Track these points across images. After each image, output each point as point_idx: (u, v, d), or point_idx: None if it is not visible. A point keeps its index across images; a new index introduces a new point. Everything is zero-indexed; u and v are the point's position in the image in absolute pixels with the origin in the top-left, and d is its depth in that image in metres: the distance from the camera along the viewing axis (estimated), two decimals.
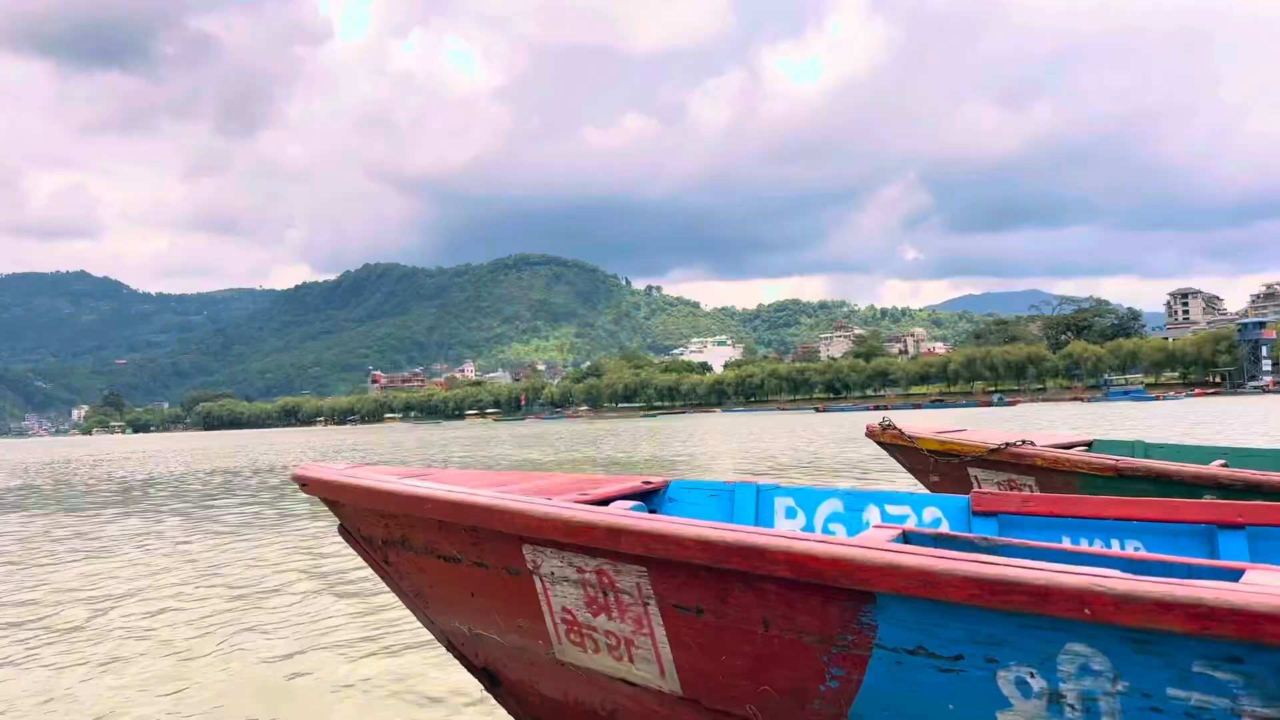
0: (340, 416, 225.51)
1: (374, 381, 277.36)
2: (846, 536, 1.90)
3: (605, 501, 2.80)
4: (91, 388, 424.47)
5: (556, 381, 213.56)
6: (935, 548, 1.90)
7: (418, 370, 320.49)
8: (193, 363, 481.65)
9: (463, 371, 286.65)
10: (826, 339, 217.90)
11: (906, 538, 2.31)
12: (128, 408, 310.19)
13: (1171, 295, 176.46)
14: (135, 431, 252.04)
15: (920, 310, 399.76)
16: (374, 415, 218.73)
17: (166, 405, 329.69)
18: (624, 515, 2.03)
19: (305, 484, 2.86)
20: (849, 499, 3.11)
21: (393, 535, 2.67)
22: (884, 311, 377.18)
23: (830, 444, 24.80)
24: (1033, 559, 1.64)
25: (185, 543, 9.66)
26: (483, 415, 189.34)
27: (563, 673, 2.35)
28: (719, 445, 27.68)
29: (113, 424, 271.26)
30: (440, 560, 2.53)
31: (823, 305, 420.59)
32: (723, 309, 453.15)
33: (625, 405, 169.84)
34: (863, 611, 1.70)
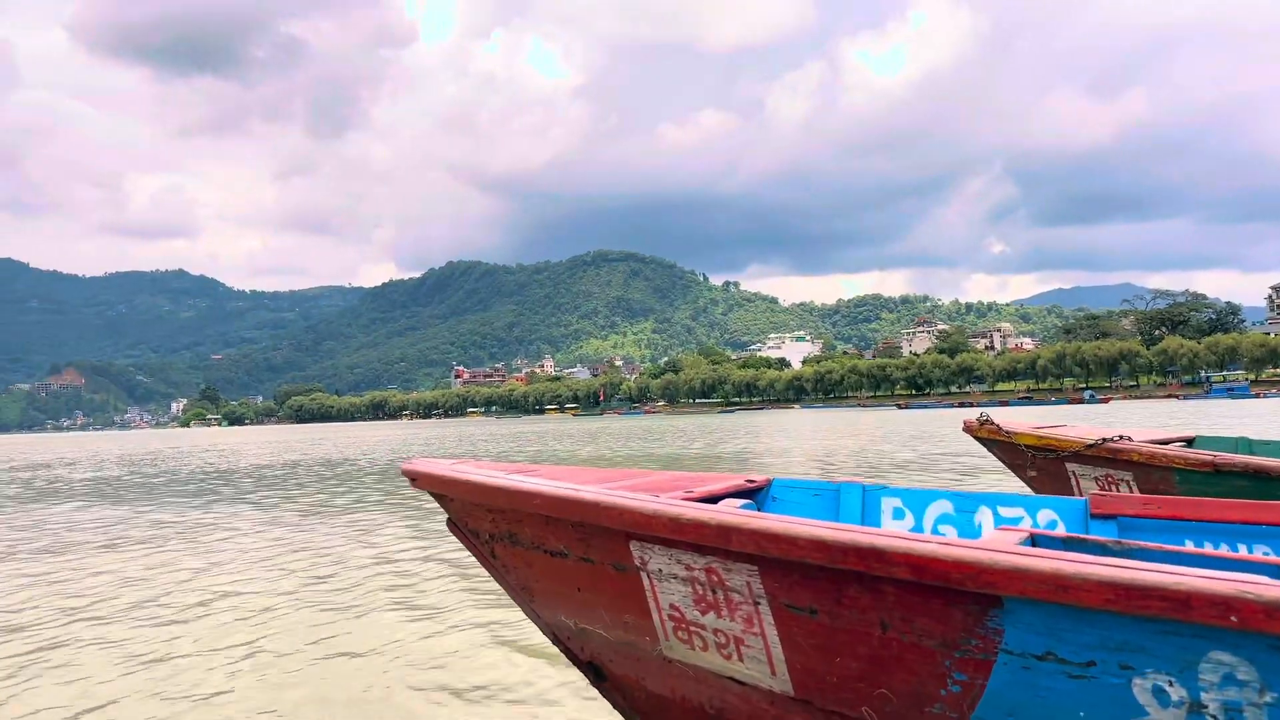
0: (425, 411, 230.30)
1: (457, 377, 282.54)
2: (958, 538, 1.85)
3: (711, 499, 2.79)
4: (189, 382, 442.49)
5: (634, 377, 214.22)
6: (1064, 551, 1.82)
7: (498, 366, 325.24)
8: (285, 358, 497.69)
9: (542, 367, 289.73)
10: (909, 334, 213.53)
11: (1034, 541, 2.25)
12: (223, 401, 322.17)
13: (1273, 289, 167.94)
14: (230, 424, 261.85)
15: (1007, 305, 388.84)
16: (457, 410, 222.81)
17: (260, 399, 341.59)
18: (734, 513, 2.02)
19: (415, 479, 2.92)
20: (959, 500, 3.07)
21: (499, 530, 2.70)
22: (969, 306, 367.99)
23: (914, 442, 24.52)
24: (1167, 563, 1.57)
25: (296, 532, 10.15)
26: (561, 410, 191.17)
27: (669, 669, 2.34)
28: (799, 443, 27.55)
29: (209, 417, 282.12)
30: (546, 555, 2.55)
31: (905, 300, 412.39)
32: (801, 304, 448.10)
33: (702, 401, 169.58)
34: (988, 615, 1.66)
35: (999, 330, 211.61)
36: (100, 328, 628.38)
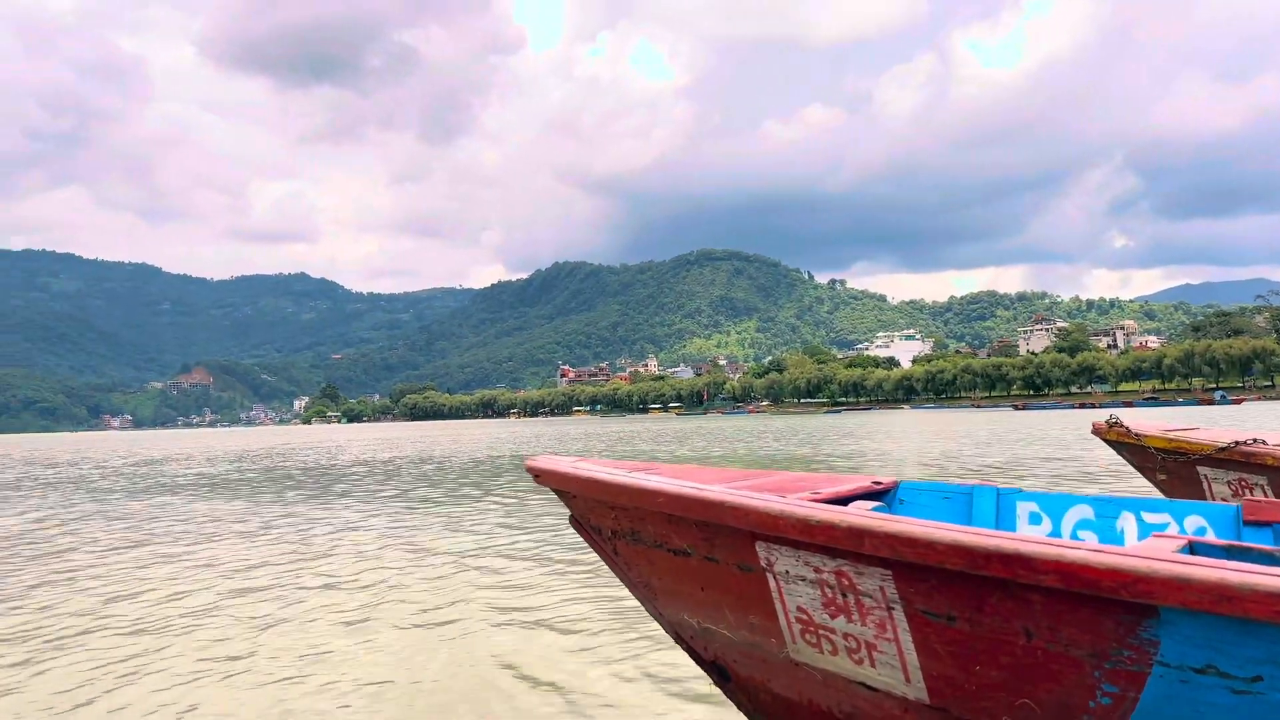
0: (532, 409, 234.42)
1: (562, 376, 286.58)
2: (1106, 545, 1.75)
3: (840, 501, 2.75)
4: (311, 380, 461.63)
5: (738, 376, 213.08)
6: (1225, 560, 1.74)
7: (603, 365, 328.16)
8: (400, 357, 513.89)
9: (646, 366, 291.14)
10: (1025, 333, 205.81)
11: (1193, 548, 2.15)
12: (342, 399, 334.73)
13: None
14: (349, 421, 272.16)
15: (1131, 301, 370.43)
16: (563, 408, 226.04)
17: (376, 397, 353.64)
18: (867, 516, 1.98)
19: (538, 475, 2.93)
20: (1100, 505, 2.97)
21: (622, 527, 2.69)
22: (1090, 303, 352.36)
23: (1034, 444, 23.82)
24: None
25: (409, 526, 10.59)
26: (665, 409, 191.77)
27: (797, 673, 2.31)
28: (912, 445, 27.04)
29: (329, 414, 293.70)
30: (669, 553, 2.54)
31: (1021, 297, 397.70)
32: (910, 302, 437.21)
33: (807, 401, 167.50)
34: (1143, 626, 1.60)
35: (1122, 328, 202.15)
36: (227, 329, 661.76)
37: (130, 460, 33.21)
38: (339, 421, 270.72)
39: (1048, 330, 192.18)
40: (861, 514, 1.99)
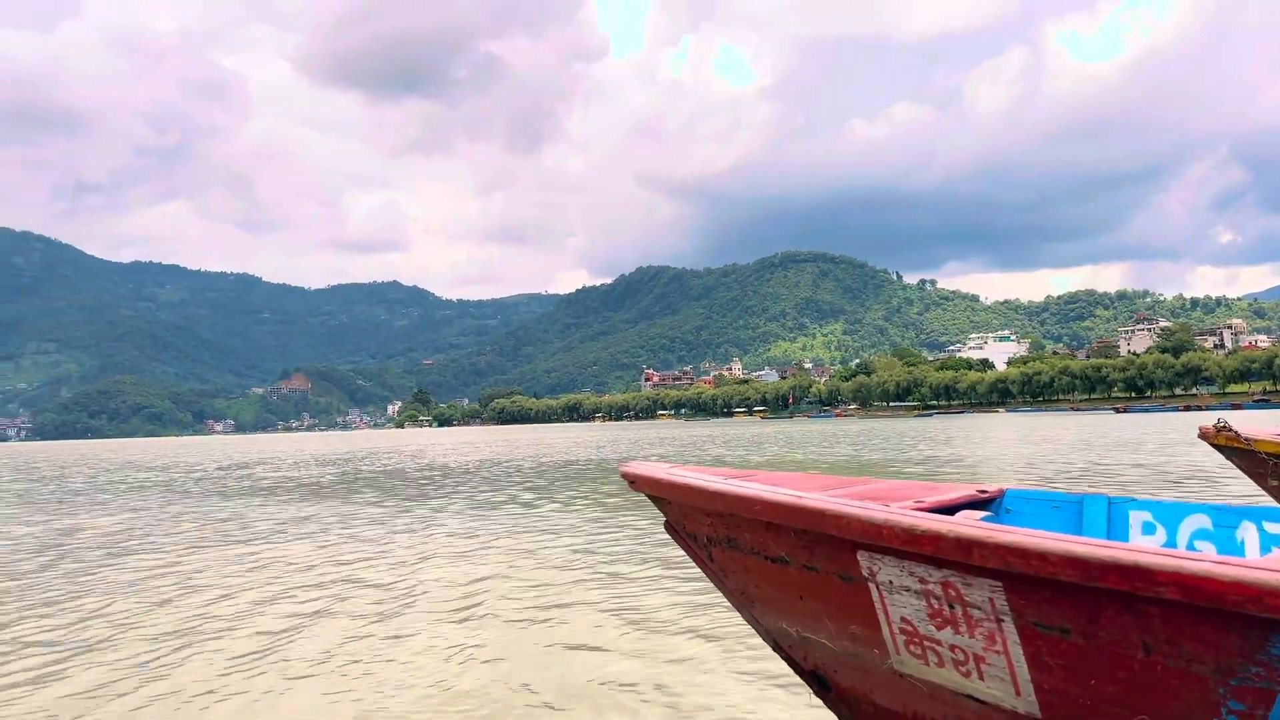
0: (616, 413, 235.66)
1: (646, 380, 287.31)
2: (1226, 556, 1.69)
3: (945, 510, 2.71)
4: (403, 385, 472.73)
5: (824, 379, 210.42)
6: None
7: (687, 369, 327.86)
8: (488, 362, 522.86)
9: (730, 370, 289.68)
10: (1126, 332, 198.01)
11: None
12: (433, 403, 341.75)
13: None
14: (440, 425, 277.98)
15: (1239, 299, 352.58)
16: (647, 412, 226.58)
17: (466, 401, 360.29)
18: (975, 526, 1.92)
19: (634, 481, 2.92)
20: (1218, 514, 2.85)
21: (718, 534, 2.67)
22: (1194, 301, 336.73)
23: (1138, 449, 23.05)
24: None
25: (498, 529, 10.84)
26: (750, 413, 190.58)
27: (900, 684, 2.27)
28: (1009, 450, 26.42)
29: (421, 418, 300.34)
30: (767, 561, 2.50)
31: (1121, 295, 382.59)
32: (1005, 302, 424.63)
33: (897, 404, 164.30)
34: (1271, 641, 1.53)
35: (1230, 327, 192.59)
36: (324, 336, 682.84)
37: (243, 462, 34.70)
38: (430, 425, 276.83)
39: (1150, 330, 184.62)
40: (970, 524, 1.95)
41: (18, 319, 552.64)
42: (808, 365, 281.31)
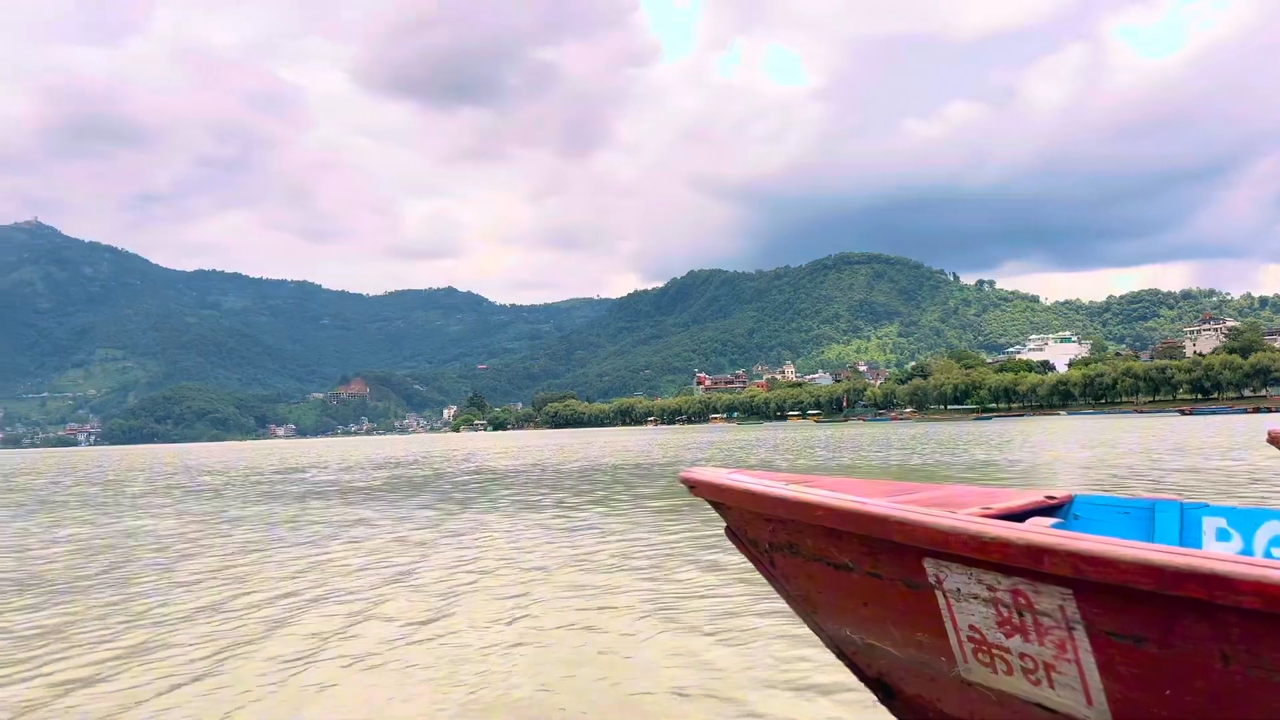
0: (668, 416, 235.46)
1: (699, 383, 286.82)
2: None
3: (1013, 516, 2.67)
4: (458, 390, 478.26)
5: (879, 383, 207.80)
6: None
7: (739, 372, 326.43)
8: (541, 367, 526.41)
9: (783, 373, 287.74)
10: (1192, 333, 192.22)
11: None
12: (488, 407, 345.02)
13: None
14: (494, 429, 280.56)
15: None
16: (699, 416, 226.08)
17: (520, 405, 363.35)
18: (1045, 533, 1.89)
19: (693, 486, 2.92)
20: None
21: (779, 540, 2.66)
22: (1264, 300, 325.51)
23: (1207, 453, 22.26)
24: None
25: (555, 533, 10.72)
26: (803, 417, 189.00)
27: (968, 693, 2.24)
28: (1073, 454, 25.71)
29: (476, 422, 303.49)
30: (830, 568, 2.49)
31: (1186, 295, 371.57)
32: (1065, 302, 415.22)
33: (954, 408, 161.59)
34: None
35: None
36: (382, 341, 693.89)
37: (297, 465, 35.29)
38: (485, 429, 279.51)
39: (1217, 330, 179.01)
40: (1040, 531, 1.92)
41: (88, 327, 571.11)
42: (862, 368, 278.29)
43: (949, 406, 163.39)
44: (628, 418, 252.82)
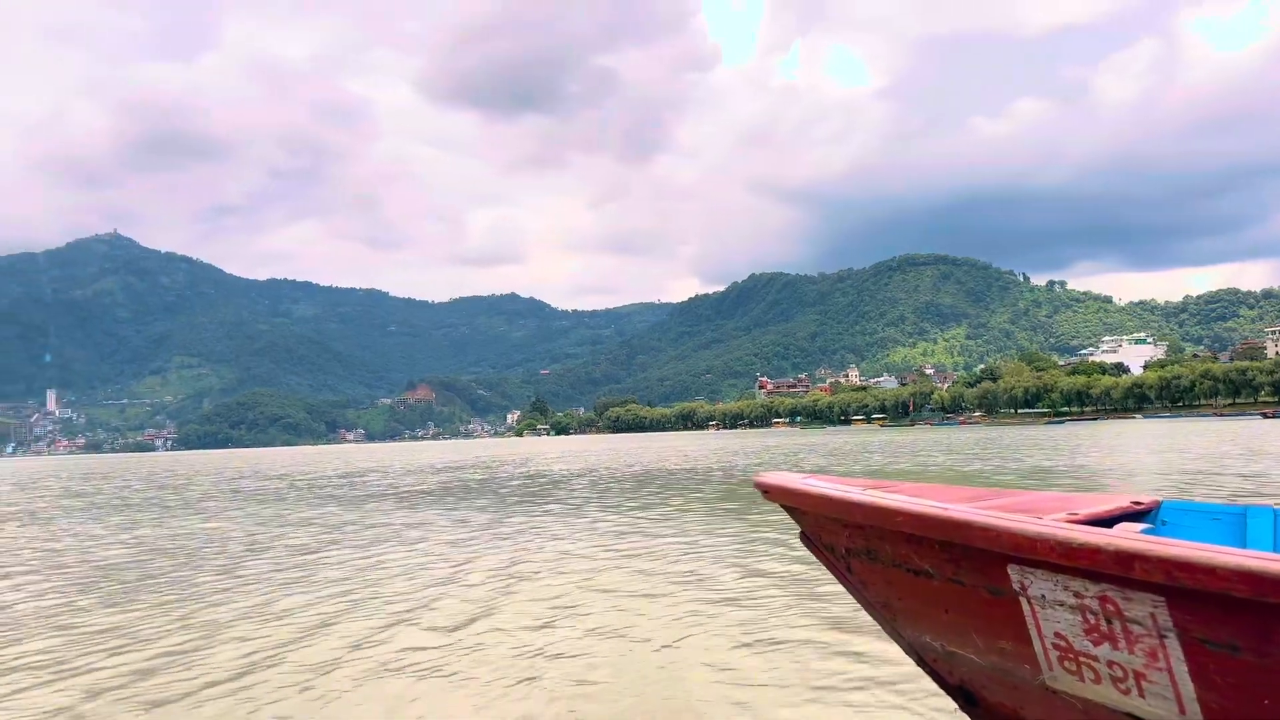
0: (730, 421, 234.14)
1: (761, 387, 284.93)
2: None
3: (1101, 522, 2.62)
4: (522, 395, 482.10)
5: (946, 386, 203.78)
6: None
7: (802, 376, 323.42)
8: (603, 372, 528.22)
9: (846, 377, 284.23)
10: (1274, 333, 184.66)
11: None
12: (550, 412, 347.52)
13: None
14: (557, 433, 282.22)
15: None
16: (762, 420, 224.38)
17: (582, 410, 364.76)
18: (1135, 539, 1.84)
19: (767, 491, 2.90)
20: None
21: (857, 545, 2.63)
22: None
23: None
24: None
25: (624, 537, 10.63)
26: (868, 421, 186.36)
27: (1053, 701, 2.21)
28: (1150, 458, 24.84)
29: (539, 427, 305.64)
30: (909, 574, 2.46)
31: (1268, 294, 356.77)
32: (1140, 303, 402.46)
33: (1025, 411, 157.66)
34: None
35: None
36: (447, 347, 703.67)
37: (360, 470, 35.85)
38: (548, 434, 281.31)
39: None
40: (1129, 537, 1.87)
41: (165, 336, 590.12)
42: (929, 371, 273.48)
43: (1019, 410, 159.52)
44: (689, 422, 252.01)
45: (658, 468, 27.67)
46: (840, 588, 2.69)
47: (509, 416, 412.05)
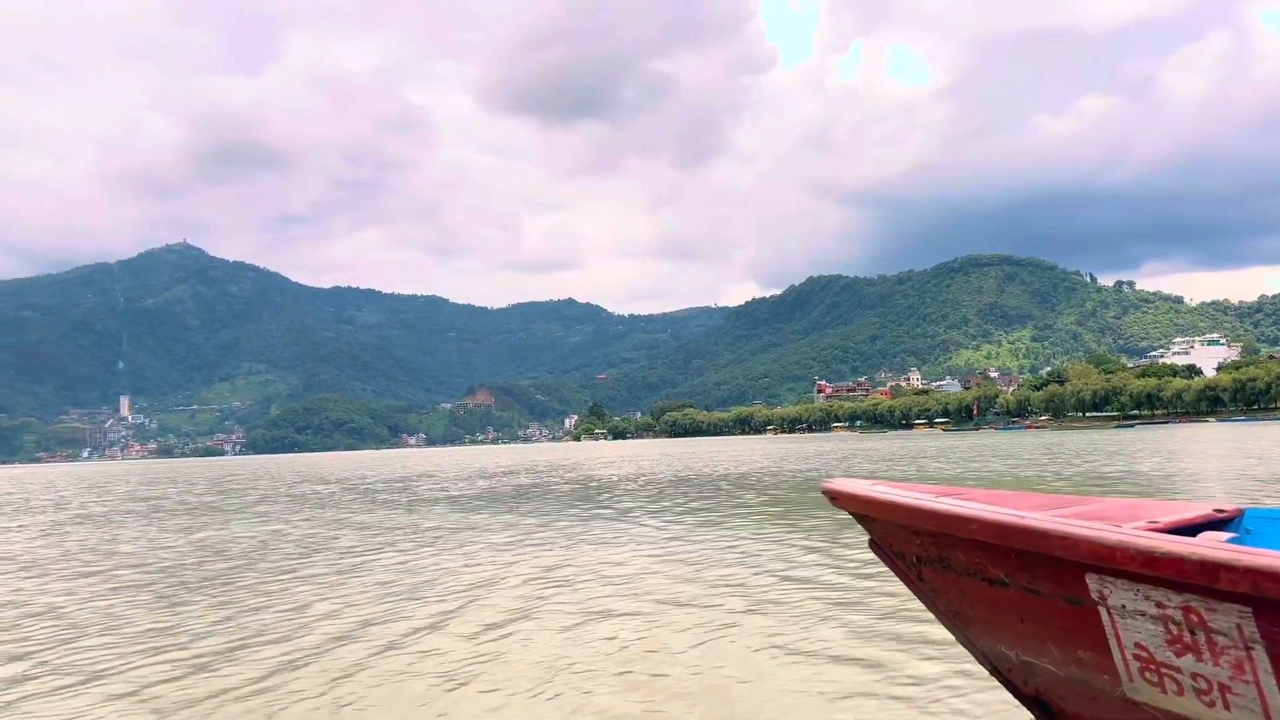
0: (789, 425, 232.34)
1: (819, 391, 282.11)
2: None
3: (1183, 530, 2.56)
4: (579, 399, 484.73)
5: (1011, 389, 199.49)
6: None
7: (861, 380, 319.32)
8: (659, 376, 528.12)
9: (908, 380, 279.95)
10: None
11: None
12: (607, 416, 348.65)
13: None
14: (614, 438, 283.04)
15: None
16: (820, 424, 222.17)
17: (638, 414, 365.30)
18: (1221, 548, 1.80)
19: (835, 498, 2.87)
20: None
21: (928, 553, 2.61)
22: None
23: None
24: None
25: (679, 543, 10.50)
26: (930, 425, 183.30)
27: (1134, 712, 2.16)
28: (1227, 464, 23.87)
29: (596, 431, 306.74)
30: (984, 583, 2.43)
31: None
32: (1213, 303, 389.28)
33: (1093, 415, 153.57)
34: None
35: None
36: (505, 353, 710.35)
37: (412, 474, 36.25)
38: (605, 438, 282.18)
39: None
40: (1214, 545, 1.83)
41: (234, 343, 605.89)
42: (993, 374, 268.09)
43: (1087, 413, 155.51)
44: (747, 426, 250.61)
45: (707, 472, 27.46)
46: (903, 596, 2.66)
47: (567, 421, 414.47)
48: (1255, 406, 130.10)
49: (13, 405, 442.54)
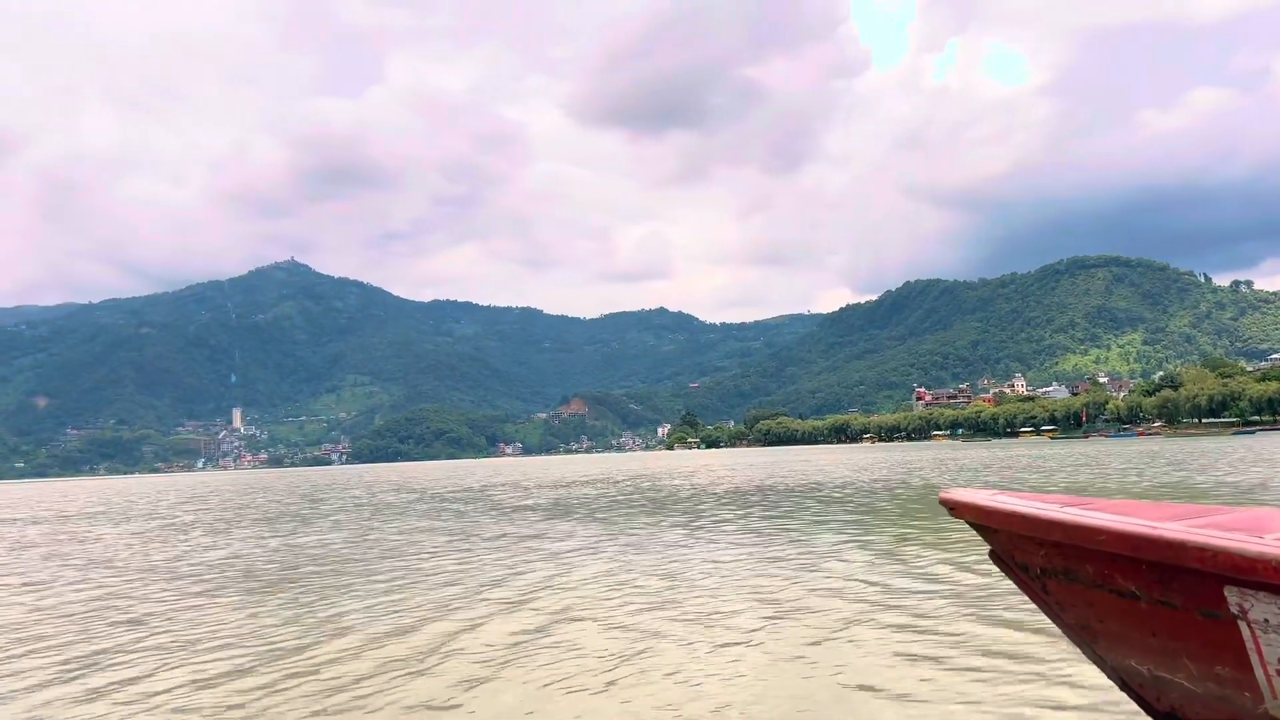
0: (886, 433, 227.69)
1: (918, 399, 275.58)
2: None
3: None
4: (671, 408, 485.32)
5: (1122, 395, 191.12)
6: None
7: (962, 386, 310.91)
8: (752, 384, 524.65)
9: (1012, 386, 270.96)
10: None
11: None
12: (700, 425, 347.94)
13: None
14: (707, 446, 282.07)
15: None
16: (920, 433, 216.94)
17: (731, 423, 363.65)
18: None
19: (954, 508, 2.84)
20: None
21: (1053, 565, 2.55)
22: None
23: None
24: None
25: (781, 552, 10.18)
26: (1037, 433, 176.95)
27: None
28: None
29: (689, 440, 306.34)
30: (1113, 595, 2.35)
31: None
32: None
33: (1210, 421, 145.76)
34: None
35: None
36: (598, 362, 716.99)
37: (494, 482, 36.62)
38: (698, 447, 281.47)
39: None
40: None
41: (339, 356, 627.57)
42: (1102, 380, 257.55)
43: (1203, 420, 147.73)
44: (843, 435, 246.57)
45: (792, 483, 26.83)
46: (1017, 608, 2.62)
47: (659, 430, 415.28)
48: None
49: (133, 418, 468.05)
